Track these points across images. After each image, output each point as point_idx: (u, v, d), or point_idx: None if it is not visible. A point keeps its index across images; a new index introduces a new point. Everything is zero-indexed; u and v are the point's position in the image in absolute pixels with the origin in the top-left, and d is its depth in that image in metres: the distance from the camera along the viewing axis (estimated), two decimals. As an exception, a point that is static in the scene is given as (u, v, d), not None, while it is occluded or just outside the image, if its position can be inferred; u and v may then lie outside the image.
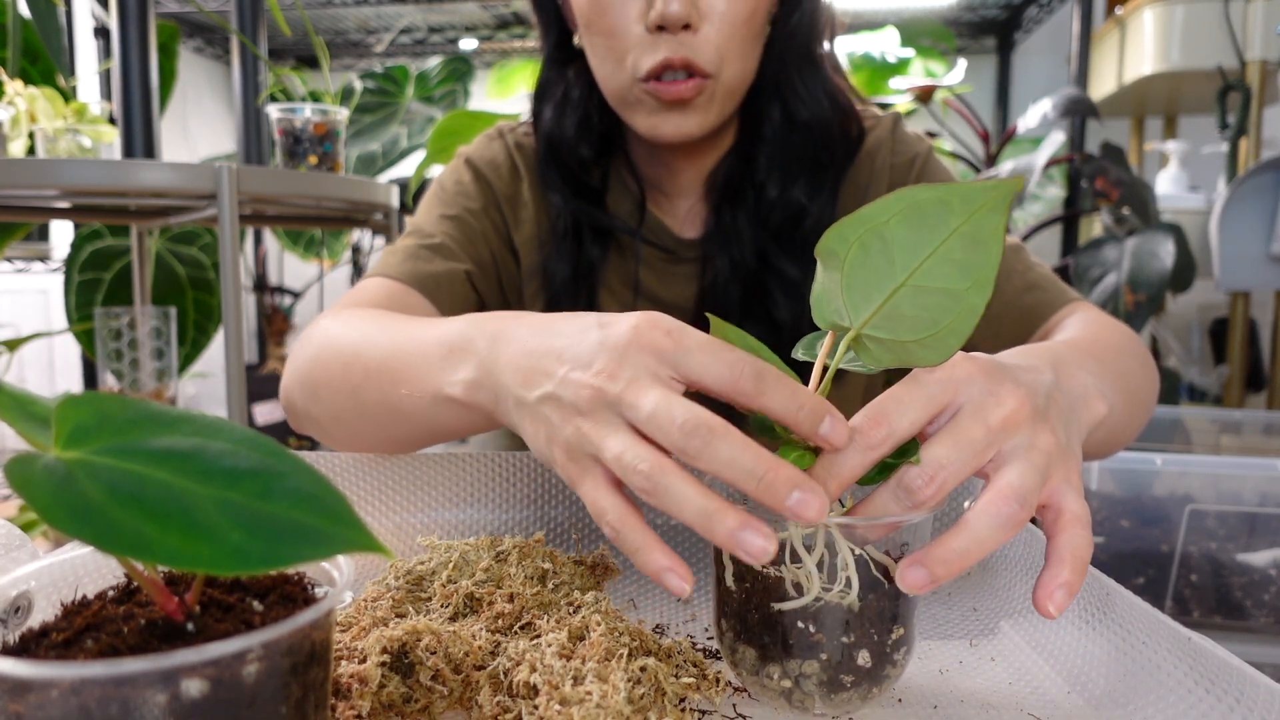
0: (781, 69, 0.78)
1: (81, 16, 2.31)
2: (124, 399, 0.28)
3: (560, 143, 0.82)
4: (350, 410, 0.62)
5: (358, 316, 0.67)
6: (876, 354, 0.38)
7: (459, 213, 0.83)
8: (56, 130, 1.31)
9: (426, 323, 0.57)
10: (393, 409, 0.58)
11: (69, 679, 0.24)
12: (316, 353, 0.66)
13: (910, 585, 0.36)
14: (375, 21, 3.54)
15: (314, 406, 0.66)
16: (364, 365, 0.60)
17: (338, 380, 0.62)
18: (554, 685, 0.36)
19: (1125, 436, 0.67)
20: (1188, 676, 0.39)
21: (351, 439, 0.64)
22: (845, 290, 0.37)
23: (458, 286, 0.79)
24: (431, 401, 0.53)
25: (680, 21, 0.69)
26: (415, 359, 0.55)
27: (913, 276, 0.35)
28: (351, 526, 0.27)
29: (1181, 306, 2.38)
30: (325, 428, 0.66)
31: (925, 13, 3.15)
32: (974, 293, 0.35)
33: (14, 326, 2.83)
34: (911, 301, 0.36)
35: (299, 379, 0.68)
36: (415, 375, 0.54)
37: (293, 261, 3.68)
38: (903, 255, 0.35)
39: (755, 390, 0.37)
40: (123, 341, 1.66)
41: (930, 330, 0.36)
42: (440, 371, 0.52)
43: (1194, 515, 1.23)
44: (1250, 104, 2.02)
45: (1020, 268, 0.78)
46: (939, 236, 0.35)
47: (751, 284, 0.78)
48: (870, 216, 0.35)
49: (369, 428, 0.62)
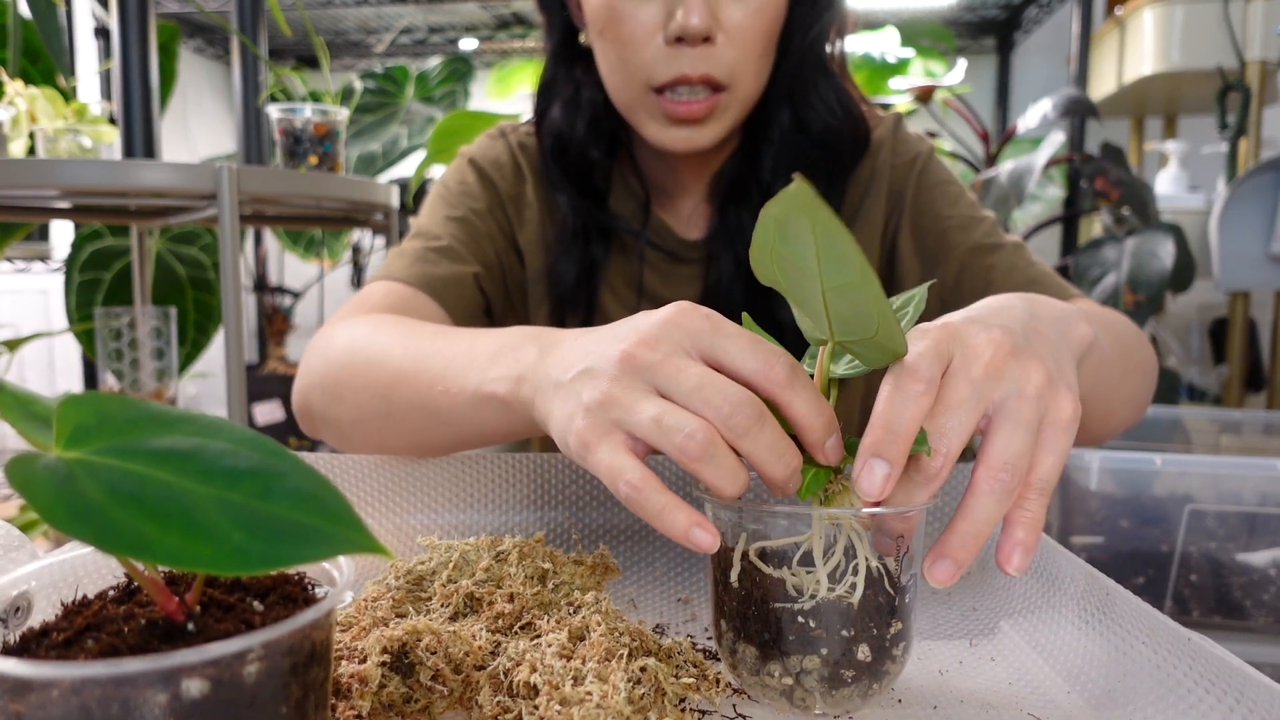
0: (796, 78, 0.78)
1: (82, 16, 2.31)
2: (124, 399, 0.28)
3: (569, 143, 0.82)
4: (377, 412, 0.61)
5: (383, 321, 0.67)
6: (862, 354, 0.39)
7: (464, 214, 0.82)
8: (57, 130, 1.31)
9: (472, 330, 0.58)
10: (427, 409, 0.57)
11: (69, 679, 0.24)
12: (341, 355, 0.65)
13: (940, 579, 0.38)
14: (375, 22, 3.54)
15: (335, 409, 0.66)
16: (397, 366, 0.60)
17: (364, 382, 0.62)
18: (554, 685, 0.36)
19: (1122, 391, 0.66)
20: (1187, 676, 0.39)
21: (375, 442, 0.64)
22: (800, 309, 0.38)
23: (466, 289, 0.79)
24: (471, 400, 0.53)
25: (701, 35, 0.69)
26: (459, 360, 0.54)
27: (824, 282, 0.35)
28: (352, 527, 0.27)
29: (1181, 306, 2.38)
30: (345, 431, 0.66)
31: (925, 13, 3.15)
32: (866, 283, 0.34)
33: (14, 326, 2.83)
34: (842, 302, 0.36)
35: (319, 382, 0.67)
36: (456, 374, 0.54)
37: (293, 261, 3.68)
38: (805, 267, 0.35)
39: (787, 382, 0.38)
40: (123, 341, 1.66)
41: (876, 321, 0.36)
42: (484, 369, 0.52)
43: (1194, 515, 1.23)
44: (1250, 104, 2.02)
45: (1021, 264, 0.78)
46: (808, 242, 0.34)
47: (756, 285, 0.78)
48: (764, 244, 0.35)
49: (396, 430, 0.61)
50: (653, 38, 0.71)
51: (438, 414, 0.57)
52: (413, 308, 0.74)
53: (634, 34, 0.71)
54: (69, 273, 2.02)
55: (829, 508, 0.39)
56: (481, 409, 0.53)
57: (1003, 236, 0.80)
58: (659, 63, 0.71)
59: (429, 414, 0.57)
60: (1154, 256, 1.86)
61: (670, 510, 0.38)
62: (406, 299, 0.75)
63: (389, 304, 0.74)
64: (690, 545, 0.38)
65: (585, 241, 0.82)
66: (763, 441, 0.38)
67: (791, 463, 0.38)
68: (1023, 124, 2.16)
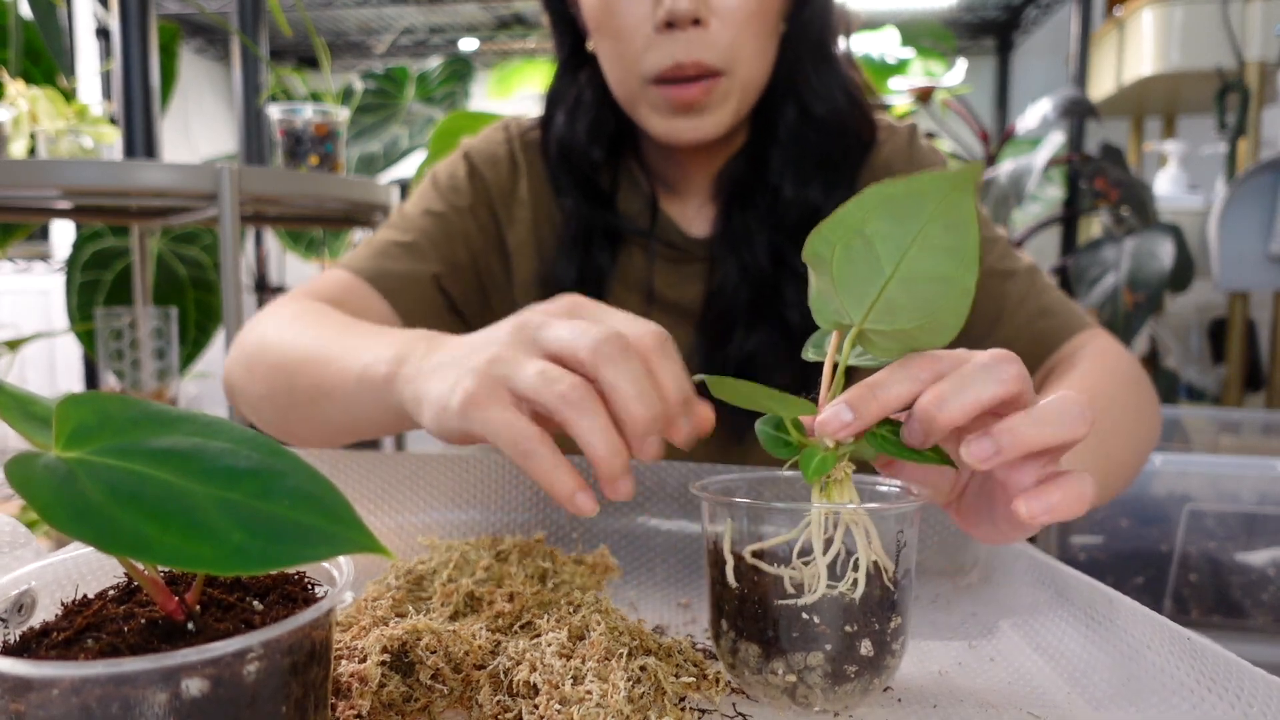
0: (796, 64, 0.77)
1: (83, 17, 2.31)
2: (125, 399, 0.28)
3: (572, 147, 0.81)
4: (281, 388, 0.63)
5: (309, 309, 0.68)
6: (882, 346, 0.39)
7: (444, 209, 0.82)
8: (58, 131, 1.31)
9: (385, 328, 0.60)
10: (321, 389, 0.59)
11: (70, 678, 0.24)
12: (262, 336, 0.68)
13: (976, 456, 0.36)
14: (376, 22, 3.54)
15: (249, 385, 0.68)
16: (305, 349, 0.61)
17: (276, 360, 0.64)
18: (554, 684, 0.36)
19: (1107, 494, 0.67)
20: (1189, 676, 0.39)
21: (278, 421, 0.66)
22: (839, 291, 0.38)
23: (422, 289, 0.78)
24: (357, 380, 0.54)
25: (689, 17, 0.69)
26: (358, 347, 0.56)
27: (900, 269, 0.36)
28: (352, 526, 0.27)
29: (1180, 306, 2.39)
30: (255, 406, 0.68)
31: (925, 13, 3.16)
32: (962, 274, 0.36)
33: (15, 327, 2.83)
34: (904, 292, 0.37)
35: (241, 357, 0.69)
36: (350, 357, 0.55)
37: (294, 261, 3.68)
38: (886, 250, 0.36)
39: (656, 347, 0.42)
40: (124, 341, 1.66)
41: (928, 316, 0.37)
42: (374, 352, 0.53)
43: (1193, 515, 1.23)
44: (1249, 104, 2.02)
45: (1034, 292, 0.77)
46: (917, 225, 0.35)
47: (762, 286, 0.78)
48: (847, 217, 0.36)
49: (296, 408, 0.63)
50: (644, 27, 0.71)
51: (329, 394, 0.58)
52: (357, 300, 0.75)
53: (626, 25, 0.71)
54: (70, 273, 2.02)
55: (827, 502, 0.39)
56: (364, 390, 0.54)
57: (1016, 261, 0.79)
58: (652, 50, 0.71)
59: (322, 393, 0.59)
60: (1153, 257, 1.86)
61: (559, 470, 0.40)
62: (353, 291, 0.75)
63: (333, 294, 0.74)
64: (571, 508, 0.40)
65: (586, 246, 0.81)
66: (626, 374, 0.40)
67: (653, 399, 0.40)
68: (1022, 124, 2.16)
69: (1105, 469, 0.62)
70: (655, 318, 0.83)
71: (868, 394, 0.38)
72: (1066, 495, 0.37)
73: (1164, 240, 1.88)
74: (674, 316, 0.82)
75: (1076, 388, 0.66)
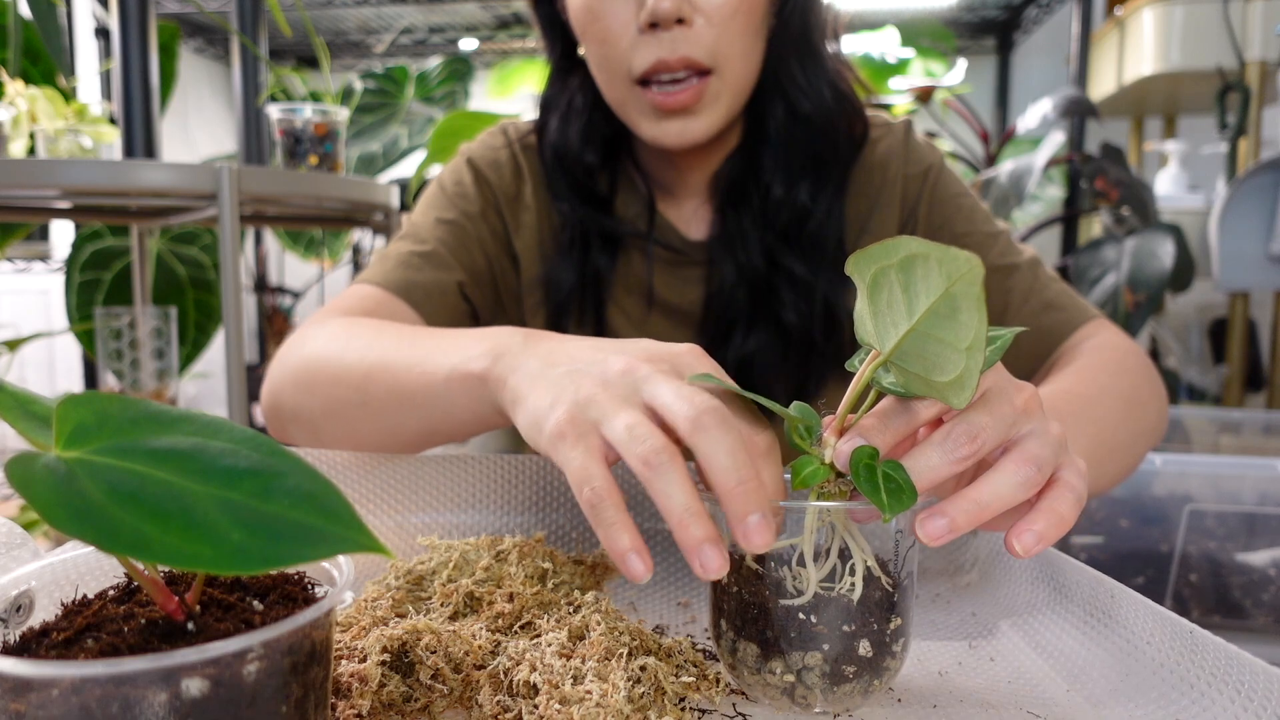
0: (781, 61, 0.77)
1: (82, 17, 2.31)
2: (124, 399, 0.28)
3: (565, 152, 0.81)
4: (350, 401, 0.62)
5: (359, 322, 0.67)
6: (904, 381, 0.39)
7: (456, 216, 0.82)
8: (57, 130, 1.31)
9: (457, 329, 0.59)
10: (401, 394, 0.58)
11: (70, 678, 0.24)
12: (317, 352, 0.66)
13: (931, 534, 0.37)
14: (375, 22, 3.54)
15: (308, 402, 0.66)
16: (377, 356, 0.61)
17: (340, 372, 0.63)
18: (554, 684, 0.36)
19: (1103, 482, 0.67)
20: (1190, 672, 0.39)
21: (346, 434, 0.64)
22: (872, 317, 0.38)
23: (448, 297, 0.78)
24: (446, 379, 0.53)
25: (672, 16, 0.68)
26: (441, 347, 0.55)
27: (919, 324, 0.36)
28: (352, 526, 0.27)
29: (1181, 306, 2.39)
30: (317, 423, 0.66)
31: (925, 13, 3.16)
32: (969, 353, 0.36)
33: (14, 326, 2.83)
34: (921, 346, 0.37)
35: (291, 378, 0.68)
36: (436, 357, 0.55)
37: (293, 261, 3.68)
38: (908, 300, 0.36)
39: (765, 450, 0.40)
40: (123, 341, 1.66)
41: (941, 376, 0.37)
42: (464, 350, 0.52)
43: (1193, 515, 1.23)
44: (1250, 104, 2.02)
45: (1038, 286, 0.78)
46: (933, 292, 0.35)
47: (758, 288, 0.78)
48: (877, 256, 0.36)
49: (370, 418, 0.62)
50: (629, 29, 0.71)
51: (411, 398, 0.57)
52: (389, 313, 0.74)
53: (611, 29, 0.71)
54: (69, 273, 2.02)
55: (826, 502, 0.39)
56: (454, 389, 0.53)
57: (1019, 253, 0.80)
58: (636, 51, 0.71)
59: (402, 399, 0.58)
60: (1154, 256, 1.86)
61: (619, 528, 0.38)
62: (384, 304, 0.75)
63: (365, 309, 0.74)
64: (622, 568, 0.38)
65: (584, 250, 0.81)
66: (722, 445, 0.38)
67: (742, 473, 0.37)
68: (1022, 124, 2.16)
69: (1100, 458, 0.63)
70: (655, 320, 0.84)
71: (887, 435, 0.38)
72: (1049, 522, 0.38)
73: (1164, 240, 1.88)
74: (674, 319, 0.82)
75: (1069, 382, 0.67)
